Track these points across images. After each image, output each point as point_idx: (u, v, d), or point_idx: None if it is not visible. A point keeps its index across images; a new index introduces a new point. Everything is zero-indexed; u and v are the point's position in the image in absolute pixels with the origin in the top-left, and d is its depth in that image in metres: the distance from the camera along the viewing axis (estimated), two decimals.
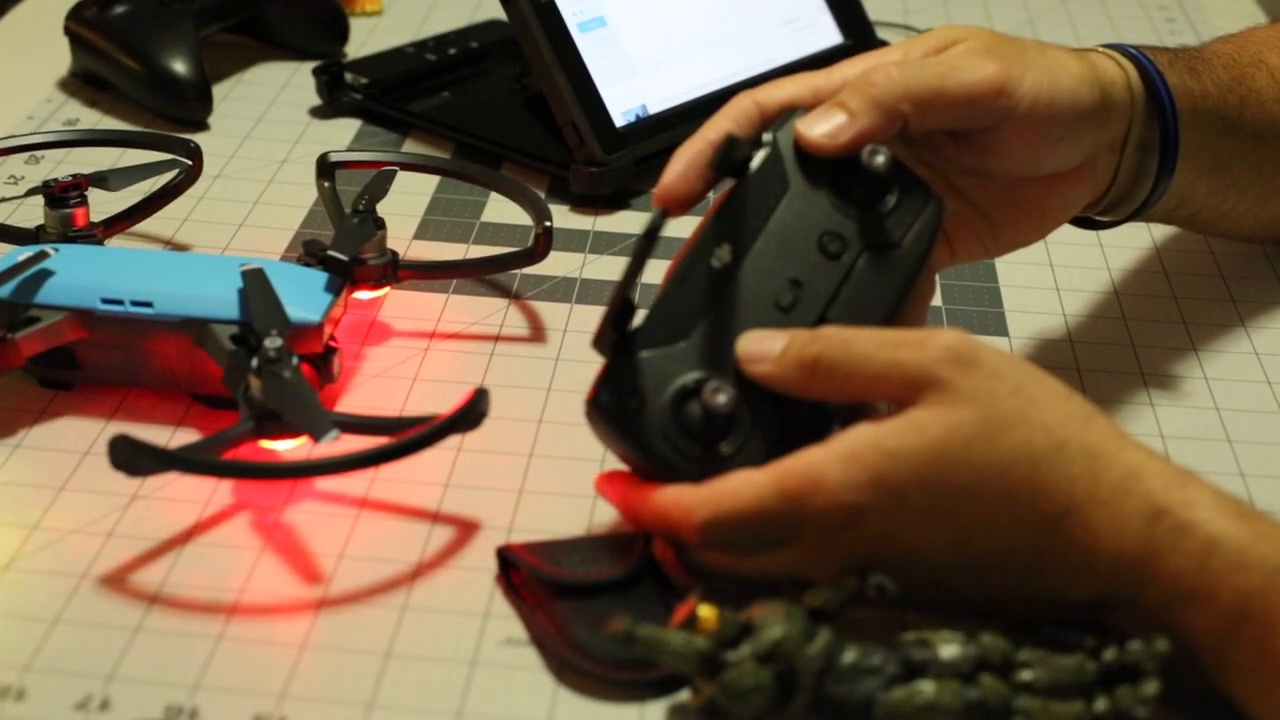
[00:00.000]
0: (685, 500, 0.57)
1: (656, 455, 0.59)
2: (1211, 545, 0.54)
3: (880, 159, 0.62)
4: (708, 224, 0.62)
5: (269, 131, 0.98)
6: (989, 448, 0.55)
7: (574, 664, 0.57)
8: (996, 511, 0.55)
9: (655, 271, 0.62)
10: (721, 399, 0.58)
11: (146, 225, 0.83)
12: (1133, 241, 0.88)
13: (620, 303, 0.59)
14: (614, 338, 0.60)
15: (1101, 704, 0.53)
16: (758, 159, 0.63)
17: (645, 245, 0.58)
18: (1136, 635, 0.54)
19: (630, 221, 0.89)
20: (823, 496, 0.55)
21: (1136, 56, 0.71)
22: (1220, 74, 0.75)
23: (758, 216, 0.63)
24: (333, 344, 0.70)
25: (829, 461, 0.56)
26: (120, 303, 0.69)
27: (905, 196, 0.64)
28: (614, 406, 0.59)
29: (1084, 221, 0.76)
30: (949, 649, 0.54)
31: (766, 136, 0.64)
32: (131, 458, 0.59)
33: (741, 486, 0.57)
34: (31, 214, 0.82)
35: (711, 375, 0.59)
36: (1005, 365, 0.57)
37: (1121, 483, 0.55)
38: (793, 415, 0.60)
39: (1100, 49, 0.72)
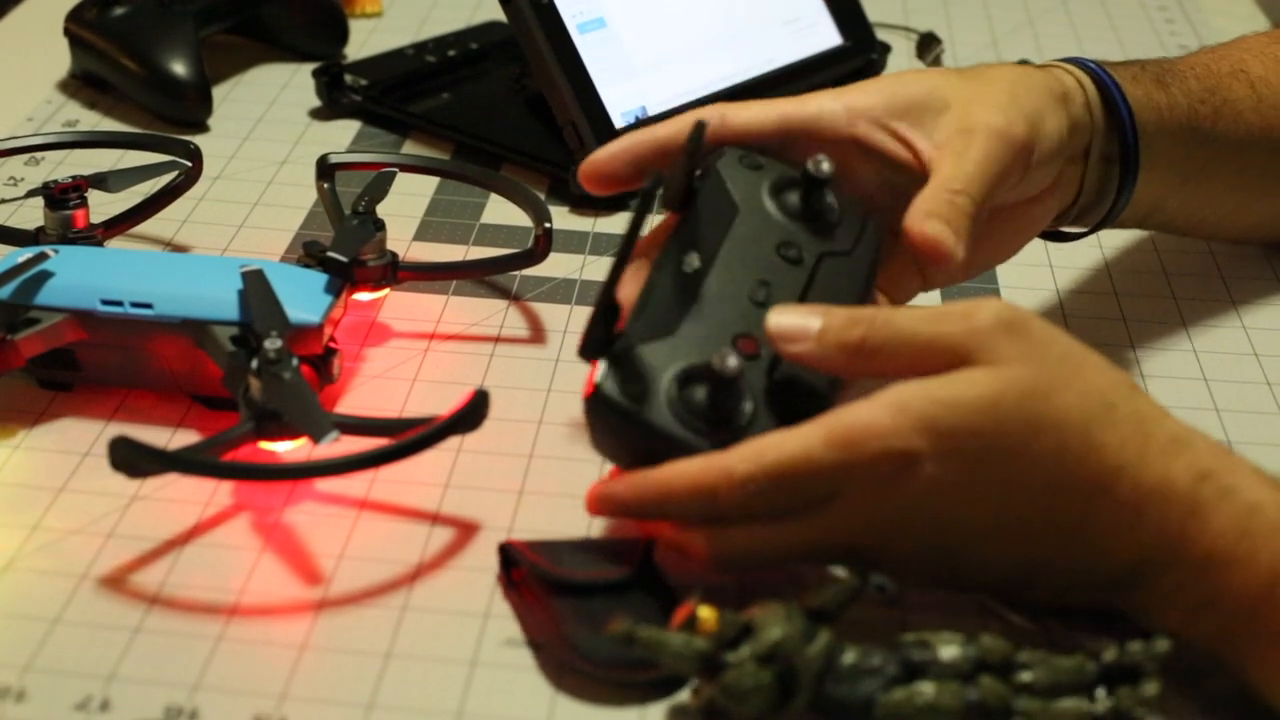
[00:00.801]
0: (722, 459, 0.56)
1: (672, 436, 0.58)
2: (1254, 509, 0.55)
3: (825, 165, 0.65)
4: (670, 238, 0.64)
5: (269, 133, 0.98)
6: (1042, 404, 0.55)
7: (568, 663, 0.57)
8: (1047, 468, 0.55)
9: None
10: (732, 362, 0.58)
11: (146, 227, 0.83)
12: (1132, 242, 0.88)
13: (606, 305, 0.59)
14: (604, 339, 0.60)
15: (1102, 705, 0.53)
16: (705, 188, 0.65)
17: (641, 211, 0.58)
18: (1139, 633, 0.54)
19: None
20: (875, 442, 0.55)
21: (1095, 70, 0.72)
22: (1191, 85, 0.75)
23: (714, 235, 0.64)
24: (333, 345, 0.70)
25: (878, 409, 0.55)
26: (120, 304, 0.69)
27: (846, 211, 0.66)
28: (619, 394, 0.59)
29: (1053, 235, 0.76)
30: (949, 650, 0.54)
31: (699, 172, 0.65)
32: (131, 459, 0.59)
33: (785, 438, 0.56)
34: (31, 215, 0.82)
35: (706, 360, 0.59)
36: (1053, 333, 0.57)
37: (1170, 445, 0.56)
38: (793, 391, 0.60)
39: (1058, 63, 0.72)
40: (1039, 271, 0.85)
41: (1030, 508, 0.56)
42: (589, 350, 0.60)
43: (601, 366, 0.60)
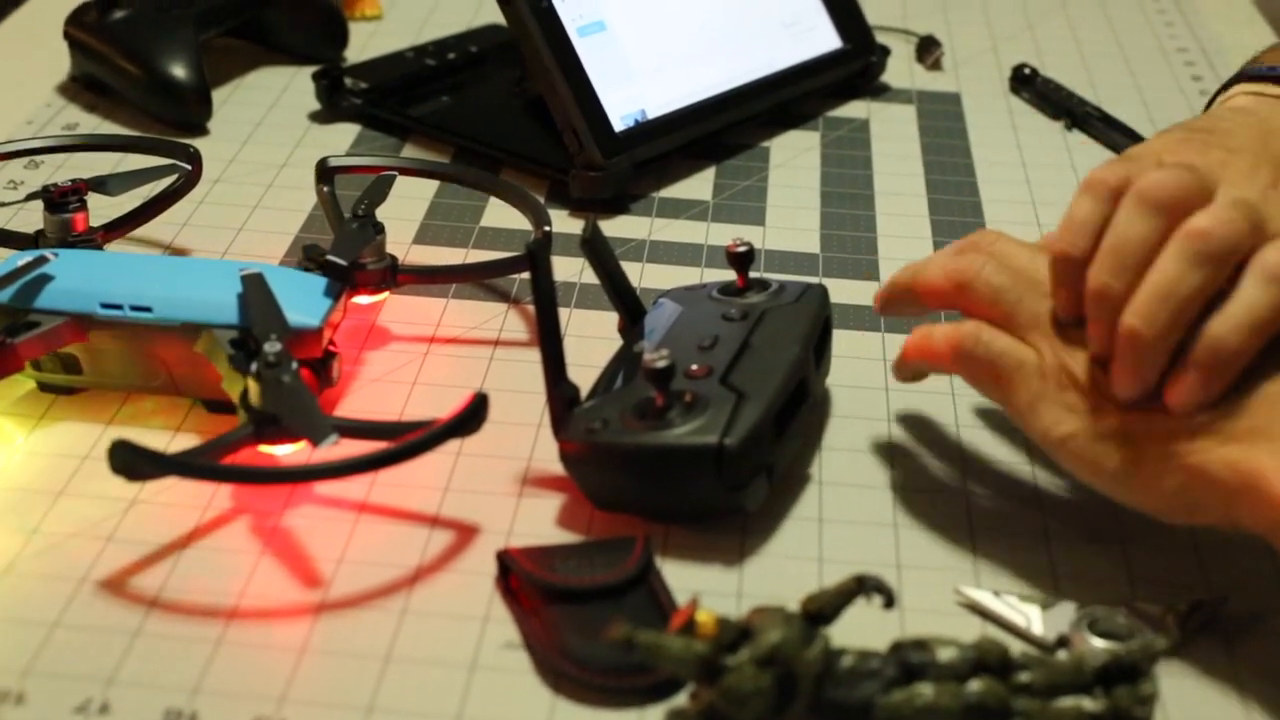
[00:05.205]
0: None
1: (659, 441, 0.62)
2: None
3: (742, 247, 0.71)
4: (624, 339, 0.71)
5: (268, 136, 0.99)
6: None
7: (560, 669, 0.57)
8: None
9: (657, 278, 0.61)
10: (663, 353, 0.62)
11: (146, 230, 0.83)
12: None
13: (567, 395, 0.65)
14: (566, 417, 0.65)
15: (1100, 704, 0.53)
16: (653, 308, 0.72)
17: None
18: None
19: (630, 226, 0.89)
20: None
21: None
22: None
23: (663, 323, 0.70)
24: (332, 348, 0.70)
25: None
26: (119, 307, 0.69)
27: (788, 285, 0.73)
28: (584, 431, 0.64)
29: None
30: (947, 651, 0.54)
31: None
32: (131, 462, 0.59)
33: None
34: (31, 219, 0.82)
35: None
36: None
37: None
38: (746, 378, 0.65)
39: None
40: None
41: None
42: (557, 428, 0.64)
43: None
